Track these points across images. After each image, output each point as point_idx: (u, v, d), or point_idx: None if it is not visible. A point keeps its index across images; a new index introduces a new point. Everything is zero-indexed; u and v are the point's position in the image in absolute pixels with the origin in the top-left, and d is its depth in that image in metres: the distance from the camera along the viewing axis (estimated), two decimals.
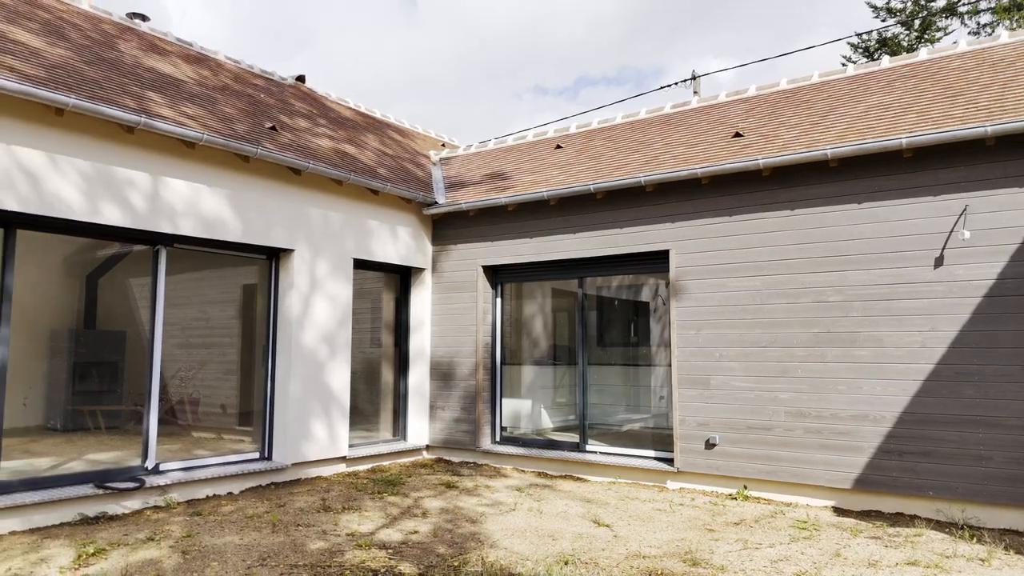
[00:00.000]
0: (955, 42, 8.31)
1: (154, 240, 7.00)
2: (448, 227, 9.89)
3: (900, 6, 21.04)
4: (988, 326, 6.20)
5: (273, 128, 8.32)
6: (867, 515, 6.47)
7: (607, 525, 6.04)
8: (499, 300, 9.67)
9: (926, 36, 20.64)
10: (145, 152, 6.71)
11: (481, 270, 9.51)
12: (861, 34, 21.35)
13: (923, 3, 20.80)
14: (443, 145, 13.34)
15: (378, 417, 9.89)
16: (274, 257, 8.17)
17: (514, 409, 9.91)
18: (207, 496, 7.00)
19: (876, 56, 21.21)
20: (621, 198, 8.34)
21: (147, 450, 6.86)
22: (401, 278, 9.96)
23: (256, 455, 7.87)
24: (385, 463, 9.08)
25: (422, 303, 9.91)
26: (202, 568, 4.76)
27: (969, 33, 20.18)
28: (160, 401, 7.02)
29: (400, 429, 9.75)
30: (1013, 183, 6.18)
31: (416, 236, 9.78)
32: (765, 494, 7.17)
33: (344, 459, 8.52)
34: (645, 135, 9.42)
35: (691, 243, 7.81)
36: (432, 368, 9.81)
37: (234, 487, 7.28)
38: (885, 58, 8.70)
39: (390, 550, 5.23)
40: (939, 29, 20.58)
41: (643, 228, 8.17)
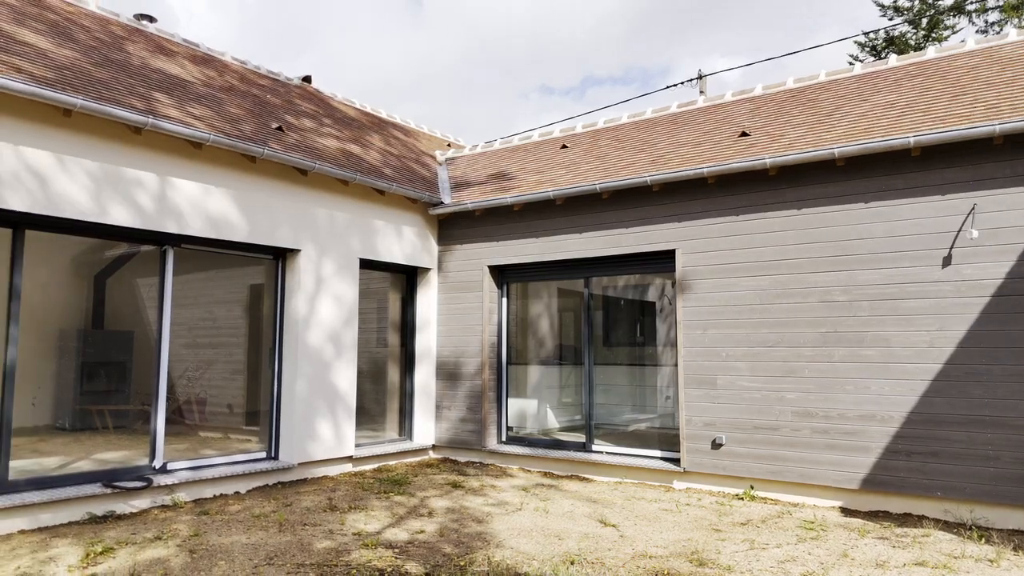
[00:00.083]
0: (963, 40, 8.27)
1: (161, 240, 7.03)
2: (454, 227, 9.90)
3: (907, 5, 20.96)
4: (997, 326, 6.17)
5: (280, 128, 8.34)
6: (875, 515, 6.45)
7: (613, 525, 6.04)
8: (505, 300, 9.67)
9: (933, 35, 20.56)
10: (152, 153, 6.74)
11: (487, 270, 9.51)
12: (868, 33, 21.31)
13: (930, 1, 20.70)
14: (449, 145, 13.35)
15: (384, 417, 9.90)
16: (280, 257, 8.19)
17: (520, 409, 9.91)
18: (214, 495, 7.03)
19: (883, 55, 21.13)
20: (627, 198, 8.33)
21: (155, 449, 6.89)
22: (407, 278, 9.97)
23: (263, 455, 7.89)
24: (391, 463, 9.09)
25: (428, 303, 9.92)
26: (209, 567, 4.78)
27: (977, 31, 20.09)
28: (167, 401, 7.05)
29: (406, 429, 9.76)
30: (1022, 182, 6.15)
31: (422, 236, 9.79)
32: (772, 494, 7.15)
33: (350, 459, 8.54)
34: (651, 135, 9.41)
35: (697, 243, 7.80)
36: (438, 368, 9.82)
37: (241, 486, 7.31)
38: (892, 57, 8.66)
39: (396, 549, 5.24)
40: (947, 27, 20.49)
41: (649, 228, 8.16)
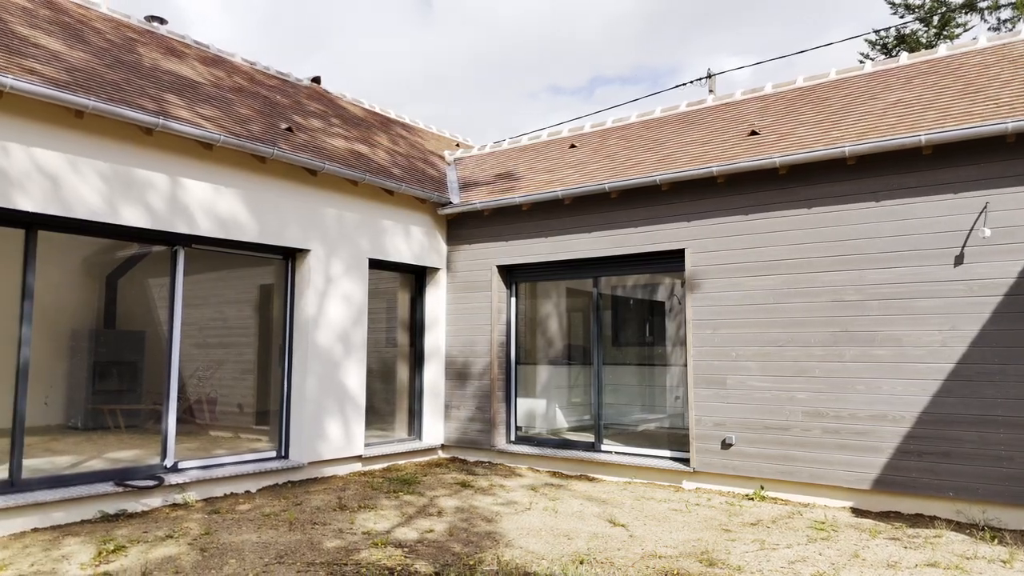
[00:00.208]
0: (975, 38, 8.20)
1: (172, 241, 7.07)
2: (462, 227, 9.91)
3: (919, 2, 20.79)
4: (1009, 325, 6.12)
5: (289, 129, 8.37)
6: (886, 516, 6.41)
7: (623, 525, 6.03)
8: (513, 300, 9.67)
9: (945, 32, 20.39)
10: (163, 153, 6.78)
11: (495, 270, 9.52)
12: (879, 31, 21.14)
13: None
14: (457, 145, 13.36)
15: (393, 416, 9.93)
16: (290, 257, 8.23)
17: (529, 409, 9.91)
18: (225, 494, 7.06)
19: (894, 53, 20.99)
20: (636, 197, 8.31)
21: (166, 449, 6.93)
22: (416, 278, 9.99)
23: (273, 454, 7.93)
24: (400, 462, 9.11)
25: (437, 302, 9.93)
26: (220, 565, 4.81)
27: (989, 29, 19.92)
28: (178, 400, 7.09)
29: (415, 428, 9.78)
30: None
31: (430, 236, 9.80)
32: (782, 494, 7.12)
33: (360, 458, 8.56)
34: (660, 134, 9.39)
35: (707, 242, 7.77)
36: (447, 367, 9.84)
37: (251, 485, 7.34)
38: (903, 55, 8.60)
39: (406, 549, 5.25)
40: (958, 25, 20.31)
41: (658, 227, 8.14)
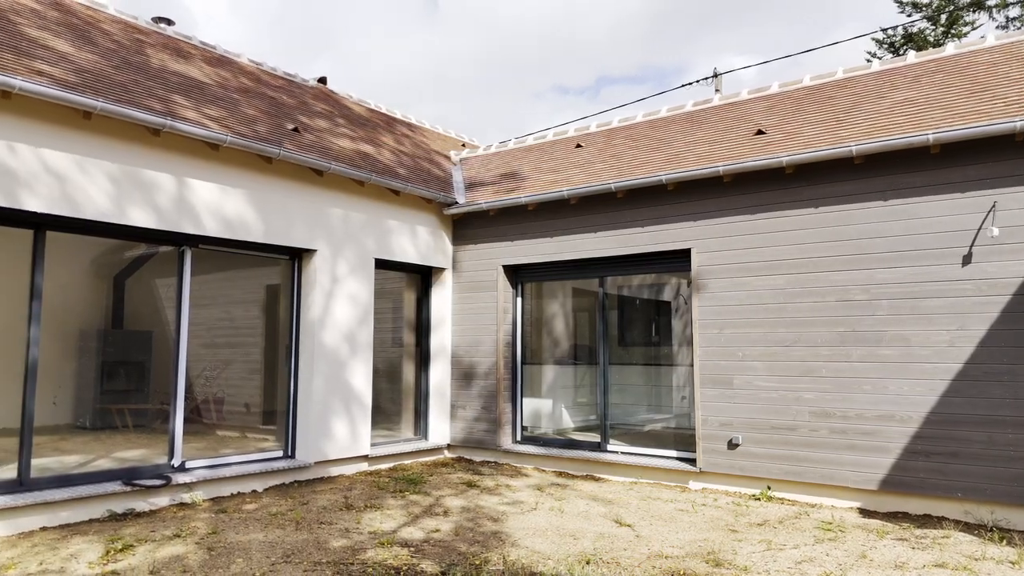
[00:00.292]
0: (983, 36, 8.15)
1: (179, 241, 7.10)
2: (468, 227, 9.92)
3: (926, 1, 20.70)
4: (1018, 325, 6.08)
5: (295, 129, 8.39)
6: (893, 516, 6.38)
7: (629, 525, 6.02)
8: (519, 299, 9.67)
9: (953, 31, 20.29)
10: (170, 154, 6.81)
11: (501, 269, 9.52)
12: (886, 29, 21.02)
13: None
14: (463, 145, 13.37)
15: (399, 416, 9.94)
16: (296, 257, 8.25)
17: (535, 408, 9.91)
18: (232, 494, 7.09)
19: (902, 52, 20.89)
20: (642, 197, 8.30)
21: (173, 448, 6.96)
22: (422, 277, 10.00)
23: (279, 453, 7.95)
24: (406, 462, 9.12)
25: (442, 302, 9.94)
26: (227, 564, 4.82)
27: (997, 27, 19.81)
28: (186, 400, 7.12)
29: (421, 428, 9.79)
30: None
31: (436, 236, 9.81)
32: (789, 495, 7.10)
33: (366, 458, 8.57)
34: (666, 133, 9.37)
35: (713, 242, 7.75)
36: (453, 367, 9.84)
37: (258, 485, 7.36)
38: (911, 53, 8.56)
39: (412, 548, 5.26)
40: (966, 24, 20.21)
41: (664, 227, 8.13)
